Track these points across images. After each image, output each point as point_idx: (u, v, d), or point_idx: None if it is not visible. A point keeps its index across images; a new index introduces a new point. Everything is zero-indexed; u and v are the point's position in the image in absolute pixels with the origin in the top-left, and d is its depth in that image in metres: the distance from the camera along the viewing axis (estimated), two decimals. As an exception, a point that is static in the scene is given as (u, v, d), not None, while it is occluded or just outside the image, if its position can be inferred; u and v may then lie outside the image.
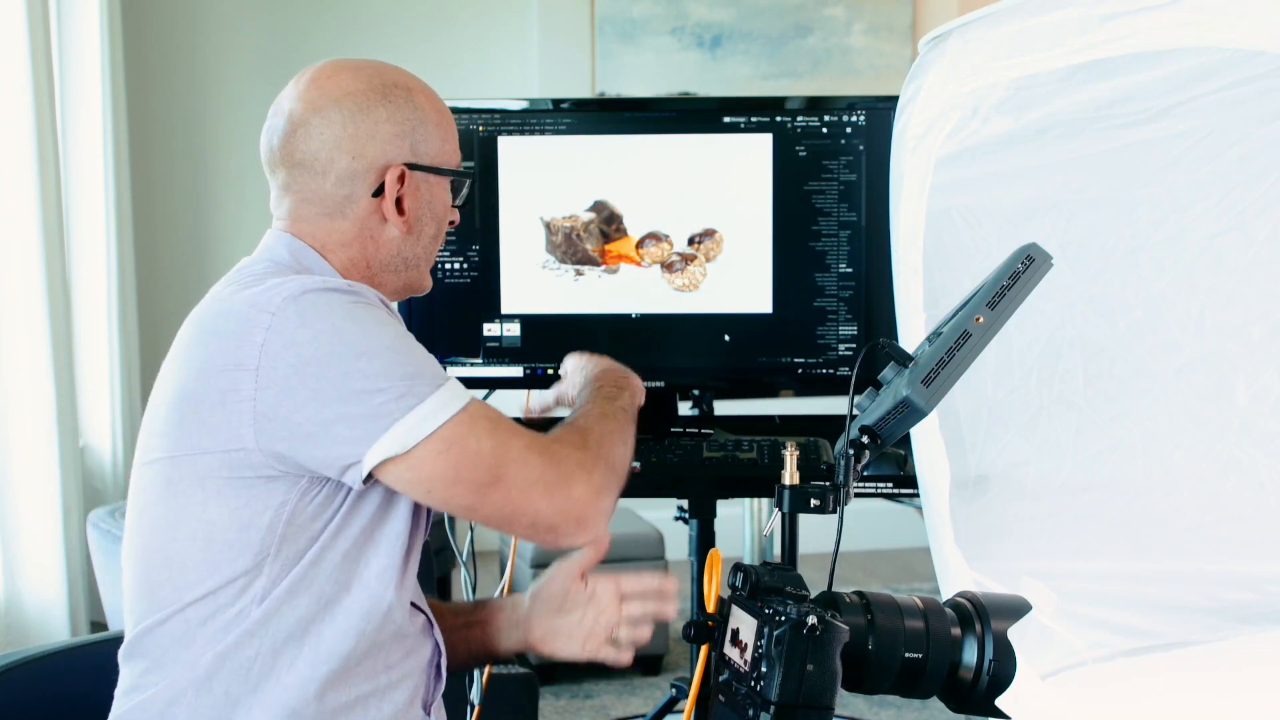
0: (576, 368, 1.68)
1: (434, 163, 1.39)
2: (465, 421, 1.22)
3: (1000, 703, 1.10)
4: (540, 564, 3.50)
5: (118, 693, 1.30)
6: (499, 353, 2.14)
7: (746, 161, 2.10)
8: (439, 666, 1.38)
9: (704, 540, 2.13)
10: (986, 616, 1.11)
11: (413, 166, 1.37)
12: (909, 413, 1.14)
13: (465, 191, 1.45)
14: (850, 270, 2.11)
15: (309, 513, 1.24)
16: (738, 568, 1.10)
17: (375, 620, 1.27)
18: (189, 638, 1.24)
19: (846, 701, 3.25)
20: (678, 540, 2.63)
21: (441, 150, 1.40)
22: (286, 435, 1.20)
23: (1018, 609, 1.13)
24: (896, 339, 1.69)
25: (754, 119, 2.10)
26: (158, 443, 1.26)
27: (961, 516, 1.68)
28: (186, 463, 1.23)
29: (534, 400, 1.77)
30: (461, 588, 2.35)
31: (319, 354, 1.20)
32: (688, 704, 1.14)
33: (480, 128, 2.11)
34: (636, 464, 1.84)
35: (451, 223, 1.46)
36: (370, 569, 1.27)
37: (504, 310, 2.13)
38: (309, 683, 1.24)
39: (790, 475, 1.19)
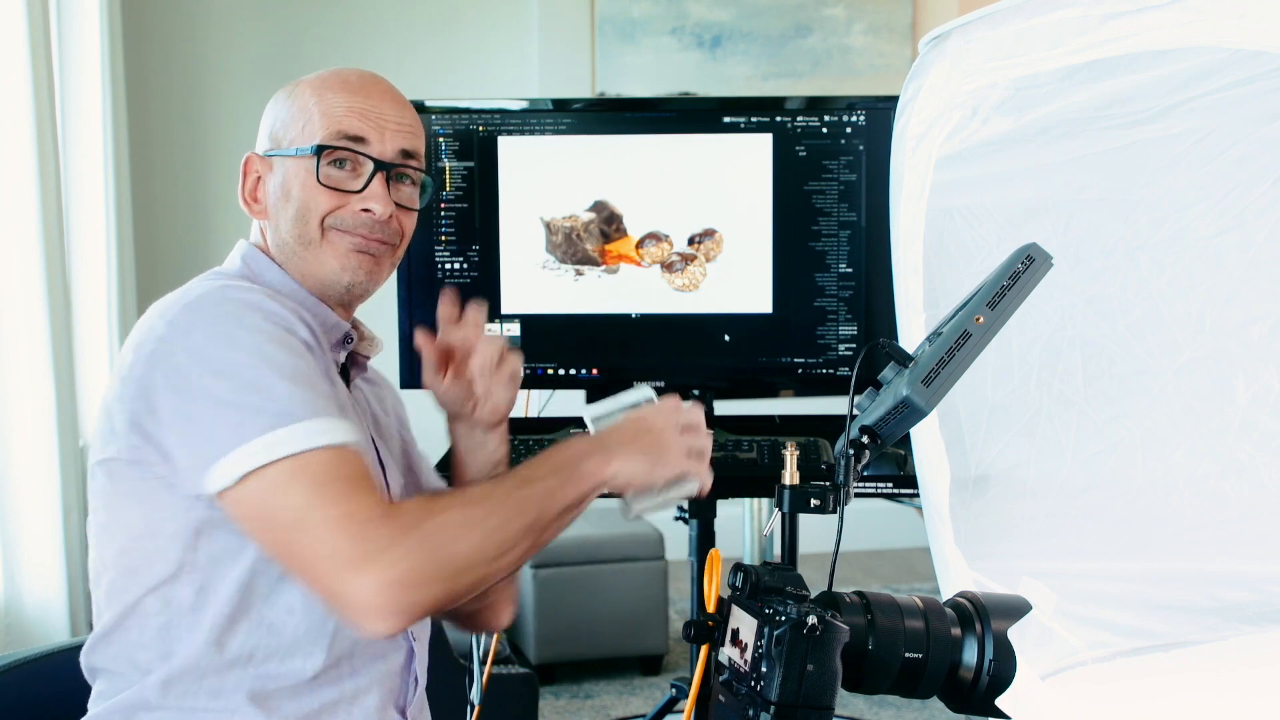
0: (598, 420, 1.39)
1: (289, 145, 1.34)
2: (285, 470, 1.12)
3: (1000, 703, 1.10)
4: (540, 564, 3.50)
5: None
6: (499, 353, 2.14)
7: (746, 161, 2.11)
8: (414, 670, 1.35)
9: (704, 540, 2.13)
10: (986, 616, 1.11)
11: (266, 154, 1.36)
12: (909, 413, 1.14)
13: (334, 164, 1.32)
14: (850, 270, 2.11)
15: (215, 521, 1.20)
16: (738, 568, 1.10)
17: (324, 638, 1.24)
18: (130, 654, 1.24)
19: (846, 701, 3.25)
20: (678, 540, 2.63)
21: (302, 132, 1.33)
22: (153, 446, 1.18)
23: (1018, 609, 1.13)
24: (896, 339, 1.69)
25: (754, 119, 2.10)
26: (95, 445, 1.26)
27: (961, 516, 1.68)
28: (102, 470, 1.24)
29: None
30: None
31: (185, 365, 1.17)
32: (688, 704, 1.14)
33: (480, 128, 2.11)
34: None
35: (350, 198, 1.32)
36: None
37: (504, 310, 2.13)
38: (269, 695, 1.22)
39: (790, 475, 1.19)
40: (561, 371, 2.16)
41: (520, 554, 1.20)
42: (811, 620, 0.99)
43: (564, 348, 2.15)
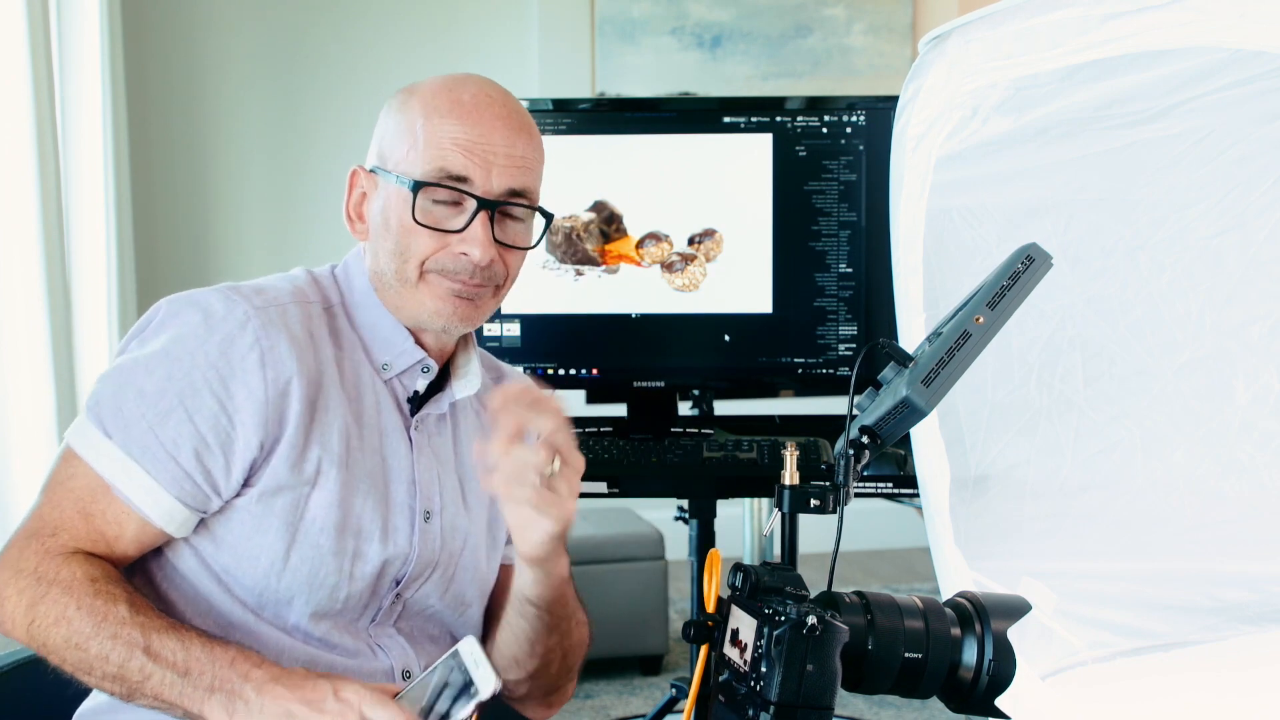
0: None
1: (394, 167, 1.29)
2: (64, 456, 1.24)
3: (1000, 703, 1.10)
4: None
5: None
6: (499, 353, 2.14)
7: (746, 161, 2.10)
8: (402, 670, 1.33)
9: (704, 540, 2.13)
10: (986, 616, 1.11)
11: (372, 170, 1.32)
12: (909, 413, 1.14)
13: (425, 202, 1.26)
14: (850, 270, 2.11)
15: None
16: (738, 568, 1.10)
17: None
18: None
19: (846, 701, 3.25)
20: (678, 540, 2.63)
21: (406, 156, 1.28)
22: None
23: (1018, 609, 1.13)
24: (896, 339, 1.69)
25: (754, 119, 2.10)
26: None
27: (961, 516, 1.68)
28: None
29: None
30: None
31: (141, 325, 1.28)
32: (688, 704, 1.13)
33: (480, 128, 2.11)
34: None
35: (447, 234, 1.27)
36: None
37: (504, 310, 2.13)
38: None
39: (790, 475, 1.19)
40: (561, 371, 2.16)
41: (105, 689, 1.17)
42: (811, 620, 0.99)
43: (564, 348, 2.15)
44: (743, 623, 1.05)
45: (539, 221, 1.35)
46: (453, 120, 1.27)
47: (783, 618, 1.00)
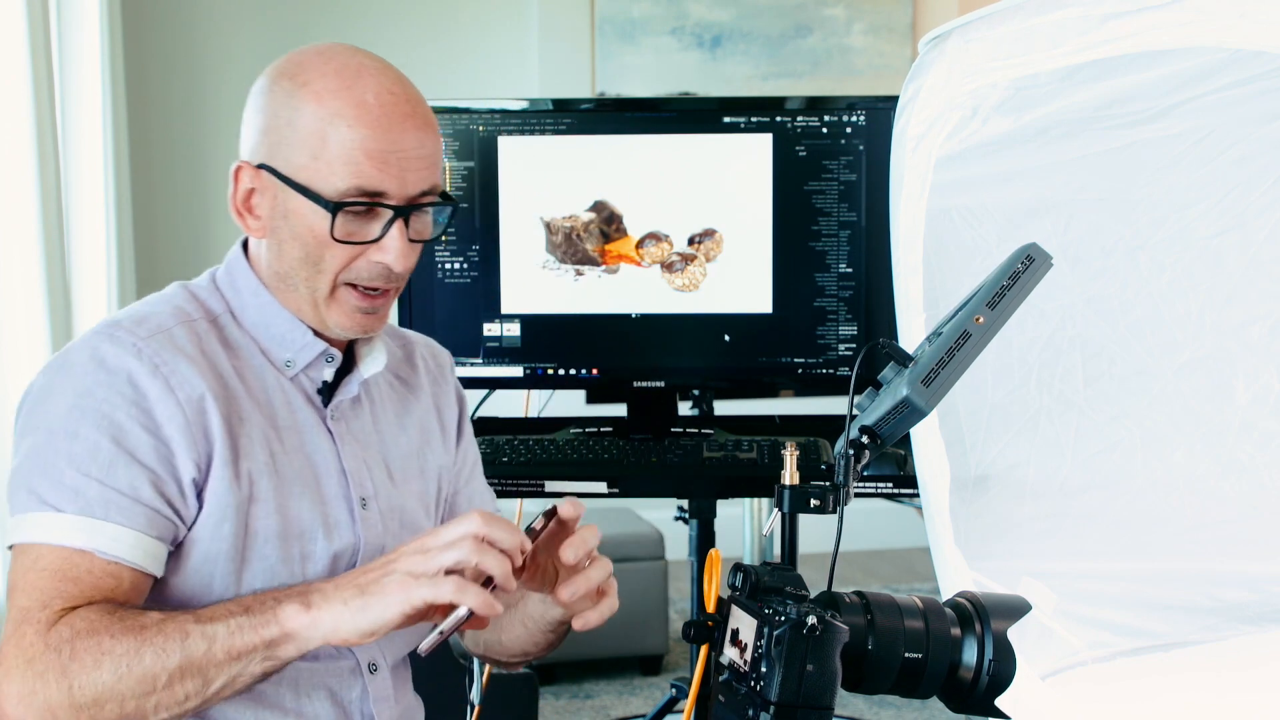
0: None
1: (293, 172, 1.23)
2: (21, 551, 1.17)
3: (1000, 703, 1.10)
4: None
5: None
6: (499, 353, 2.14)
7: (746, 161, 2.10)
8: (369, 710, 1.32)
9: (704, 540, 2.13)
10: (986, 616, 1.11)
11: (269, 170, 1.25)
12: (909, 413, 1.14)
13: (343, 222, 1.22)
14: (850, 270, 2.11)
15: None
16: (738, 568, 1.10)
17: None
18: None
19: (846, 701, 3.25)
20: (678, 540, 2.63)
21: (310, 166, 1.22)
22: None
23: (1018, 609, 1.13)
24: (896, 339, 1.69)
25: (754, 119, 2.10)
26: None
27: (961, 516, 1.68)
28: None
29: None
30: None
31: (22, 424, 1.23)
32: (688, 704, 1.13)
33: (480, 128, 2.11)
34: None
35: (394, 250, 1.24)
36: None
37: (504, 310, 2.13)
38: None
39: (790, 475, 1.19)
40: (561, 371, 2.16)
41: (180, 697, 1.11)
42: (811, 620, 0.99)
43: (564, 348, 2.15)
44: (743, 623, 1.05)
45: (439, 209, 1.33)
46: (362, 129, 1.20)
47: (783, 618, 1.00)
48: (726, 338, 2.14)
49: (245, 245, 1.35)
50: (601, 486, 2.01)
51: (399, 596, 1.10)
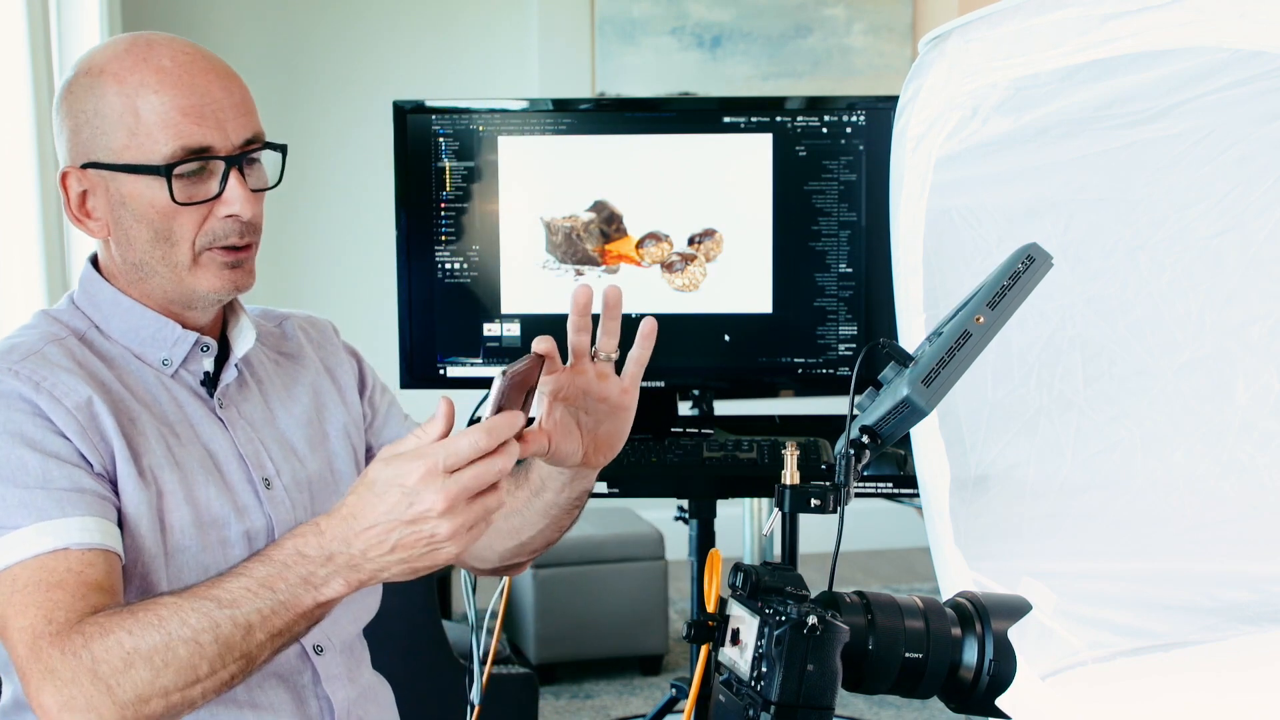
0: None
1: (115, 158, 1.24)
2: None
3: (1000, 703, 1.10)
4: (540, 564, 3.50)
5: None
6: (499, 353, 2.14)
7: (746, 161, 2.11)
8: (324, 693, 1.32)
9: (704, 540, 2.13)
10: (986, 616, 1.11)
11: (92, 166, 1.25)
12: (909, 413, 1.14)
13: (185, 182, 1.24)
14: (850, 270, 2.11)
15: None
16: (738, 568, 1.10)
17: None
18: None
19: (846, 701, 3.25)
20: (678, 540, 2.63)
21: (131, 143, 1.23)
22: None
23: (1018, 609, 1.13)
24: (896, 339, 1.69)
25: (754, 119, 2.10)
26: None
27: (961, 516, 1.68)
28: None
29: None
30: (462, 587, 2.35)
31: None
32: (688, 704, 1.14)
33: (480, 128, 2.11)
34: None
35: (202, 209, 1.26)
36: None
37: (504, 310, 2.14)
38: None
39: (790, 475, 1.19)
40: (561, 371, 2.15)
41: (225, 679, 1.11)
42: (811, 620, 0.99)
43: (564, 348, 2.15)
44: (743, 623, 1.05)
45: (270, 158, 1.34)
46: (168, 92, 1.23)
47: (783, 618, 1.00)
48: (726, 338, 2.14)
49: (95, 262, 1.35)
50: (601, 486, 2.01)
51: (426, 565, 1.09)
